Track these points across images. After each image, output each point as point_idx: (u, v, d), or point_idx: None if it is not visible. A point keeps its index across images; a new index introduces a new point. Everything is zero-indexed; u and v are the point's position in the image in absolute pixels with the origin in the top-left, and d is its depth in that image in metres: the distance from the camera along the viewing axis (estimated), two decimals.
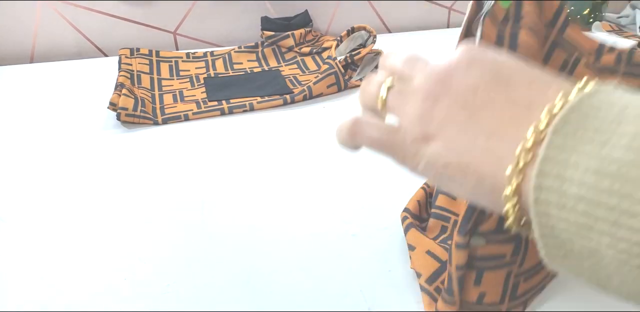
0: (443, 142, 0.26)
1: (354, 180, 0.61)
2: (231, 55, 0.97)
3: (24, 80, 0.90)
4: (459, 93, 0.26)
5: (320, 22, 1.11)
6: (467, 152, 0.25)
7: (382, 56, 0.33)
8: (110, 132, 0.74)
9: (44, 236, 0.54)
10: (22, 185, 0.62)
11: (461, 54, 0.27)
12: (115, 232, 0.54)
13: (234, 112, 0.79)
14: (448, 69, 0.27)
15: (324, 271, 0.49)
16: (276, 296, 0.46)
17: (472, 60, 0.27)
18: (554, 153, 0.21)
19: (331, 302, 0.45)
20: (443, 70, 0.27)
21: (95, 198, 0.59)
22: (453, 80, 0.26)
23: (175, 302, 0.45)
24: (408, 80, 0.29)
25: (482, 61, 0.27)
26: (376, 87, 0.30)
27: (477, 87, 0.26)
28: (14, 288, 0.47)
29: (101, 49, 1.04)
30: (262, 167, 0.65)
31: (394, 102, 0.29)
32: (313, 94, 0.82)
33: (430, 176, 0.28)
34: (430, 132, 0.26)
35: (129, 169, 0.65)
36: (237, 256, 0.51)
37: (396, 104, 0.29)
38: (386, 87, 0.29)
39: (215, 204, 0.58)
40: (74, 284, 0.47)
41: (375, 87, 0.30)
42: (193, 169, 0.65)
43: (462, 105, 0.26)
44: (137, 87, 0.84)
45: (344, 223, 0.55)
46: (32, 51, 1.01)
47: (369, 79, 0.32)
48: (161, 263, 0.50)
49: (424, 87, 0.27)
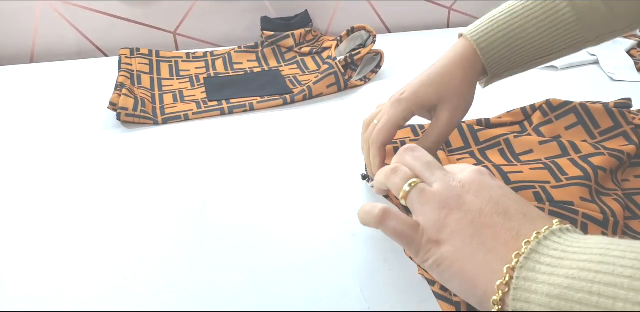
0: (452, 248, 0.33)
1: (354, 180, 0.61)
2: (231, 55, 0.97)
3: (24, 80, 0.90)
4: (469, 211, 0.34)
5: (320, 22, 1.11)
6: (469, 261, 0.33)
7: (400, 150, 0.39)
8: (110, 132, 0.74)
9: (44, 236, 0.54)
10: (22, 185, 0.62)
11: (474, 176, 0.36)
12: (115, 232, 0.54)
13: (234, 112, 0.79)
14: (462, 188, 0.35)
15: (324, 270, 0.49)
16: (276, 296, 0.46)
17: (481, 185, 0.35)
18: (521, 283, 0.30)
19: (331, 302, 0.45)
20: (459, 188, 0.35)
21: (95, 198, 0.59)
22: (466, 199, 0.34)
23: (175, 302, 0.45)
24: (428, 183, 0.37)
25: (489, 188, 0.35)
26: (401, 181, 0.37)
27: (483, 210, 0.34)
28: (14, 288, 0.47)
29: (101, 49, 1.04)
30: (262, 167, 0.65)
31: (415, 199, 0.36)
32: (313, 94, 0.82)
33: (434, 271, 0.35)
34: (443, 237, 0.34)
35: (129, 169, 0.65)
36: (237, 256, 0.51)
37: (416, 202, 0.36)
38: (410, 183, 0.37)
39: (215, 204, 0.58)
40: (74, 284, 0.47)
41: (400, 181, 0.37)
42: (193, 169, 0.65)
43: (470, 221, 0.33)
44: (137, 87, 0.84)
45: (344, 223, 0.55)
46: (32, 51, 1.01)
47: (395, 171, 0.38)
48: (161, 263, 0.50)
49: (442, 197, 0.35)
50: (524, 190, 0.52)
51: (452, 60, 0.50)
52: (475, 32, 0.49)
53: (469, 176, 0.36)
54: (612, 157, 0.57)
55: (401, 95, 0.50)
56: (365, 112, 0.78)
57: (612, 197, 0.53)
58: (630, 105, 0.66)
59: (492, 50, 0.48)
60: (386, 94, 0.84)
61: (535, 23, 0.47)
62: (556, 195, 0.51)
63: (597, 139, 0.63)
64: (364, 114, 0.59)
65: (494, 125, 0.68)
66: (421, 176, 0.37)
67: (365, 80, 0.88)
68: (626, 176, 0.59)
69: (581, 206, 0.50)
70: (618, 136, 0.63)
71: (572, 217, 0.48)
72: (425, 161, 0.38)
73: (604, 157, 0.57)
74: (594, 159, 0.57)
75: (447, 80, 0.49)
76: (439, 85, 0.49)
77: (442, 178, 0.36)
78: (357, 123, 0.74)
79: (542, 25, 0.47)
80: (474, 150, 0.63)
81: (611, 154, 0.58)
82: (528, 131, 0.66)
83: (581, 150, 0.60)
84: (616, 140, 0.62)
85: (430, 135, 0.50)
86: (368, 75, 0.89)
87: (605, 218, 0.49)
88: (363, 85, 0.87)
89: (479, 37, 0.48)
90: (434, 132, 0.50)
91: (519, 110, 0.68)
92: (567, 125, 0.64)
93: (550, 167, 0.57)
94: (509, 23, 0.48)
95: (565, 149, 0.60)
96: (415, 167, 0.38)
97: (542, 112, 0.66)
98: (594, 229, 0.48)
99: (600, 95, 0.81)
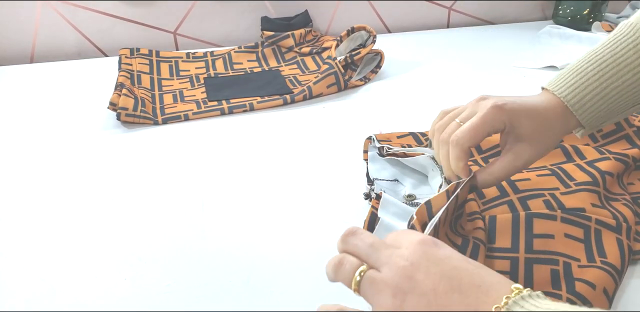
0: None
1: (354, 180, 0.61)
2: (231, 55, 0.97)
3: (24, 80, 0.90)
4: (423, 294, 0.32)
5: (320, 22, 1.11)
6: None
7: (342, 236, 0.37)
8: (110, 132, 0.74)
9: (44, 236, 0.54)
10: (22, 185, 0.62)
11: (419, 250, 0.33)
12: (115, 232, 0.54)
13: (234, 112, 0.79)
14: (411, 266, 0.33)
15: (324, 271, 0.49)
16: (276, 296, 0.46)
17: (429, 260, 0.33)
18: None
19: (331, 302, 0.45)
20: (407, 267, 0.33)
21: (95, 198, 0.59)
22: (417, 279, 0.32)
23: (175, 302, 0.45)
24: (376, 267, 0.35)
25: (438, 262, 0.33)
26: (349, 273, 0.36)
27: (437, 290, 0.32)
28: (14, 288, 0.47)
29: (101, 49, 1.04)
30: (262, 167, 0.65)
31: (367, 290, 0.34)
32: (313, 94, 0.82)
33: None
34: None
35: (129, 169, 0.65)
36: (237, 256, 0.51)
37: (369, 292, 0.34)
38: (359, 273, 0.35)
39: (215, 204, 0.58)
40: (74, 284, 0.47)
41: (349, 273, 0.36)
42: (193, 169, 0.65)
43: (427, 305, 0.32)
44: (137, 87, 0.84)
45: (343, 223, 0.55)
46: (32, 51, 1.02)
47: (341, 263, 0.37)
48: (161, 263, 0.50)
49: (392, 283, 0.33)
50: (534, 199, 0.52)
51: (553, 108, 0.46)
52: (562, 88, 0.45)
53: (414, 251, 0.34)
54: (618, 161, 0.57)
55: (505, 105, 0.44)
56: (365, 112, 0.78)
57: (621, 202, 0.53)
58: None
59: (585, 104, 0.45)
60: (386, 94, 0.84)
61: (630, 69, 0.44)
62: (566, 201, 0.51)
63: (599, 143, 0.63)
64: (364, 114, 0.60)
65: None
66: (367, 260, 0.35)
67: (365, 80, 0.88)
68: (631, 179, 0.59)
69: (593, 212, 0.49)
70: (620, 139, 0.62)
71: (585, 224, 0.48)
72: (368, 243, 0.36)
73: (610, 161, 0.57)
74: (601, 164, 0.56)
75: (547, 126, 0.45)
76: (539, 119, 0.45)
77: (388, 260, 0.34)
78: (357, 123, 0.75)
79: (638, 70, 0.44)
80: (476, 159, 0.63)
81: (617, 158, 0.57)
82: None
83: (586, 155, 0.59)
84: (619, 143, 0.62)
85: (495, 169, 0.46)
86: (368, 75, 0.89)
87: (618, 224, 0.48)
88: (363, 85, 0.87)
89: (568, 93, 0.45)
90: (504, 168, 0.46)
91: None
92: None
93: (558, 173, 0.56)
94: (599, 73, 0.44)
95: (569, 154, 0.60)
96: (360, 253, 0.36)
97: None
98: (607, 235, 0.48)
99: None
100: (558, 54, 0.98)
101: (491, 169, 0.46)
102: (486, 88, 0.84)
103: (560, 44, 1.04)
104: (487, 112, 0.44)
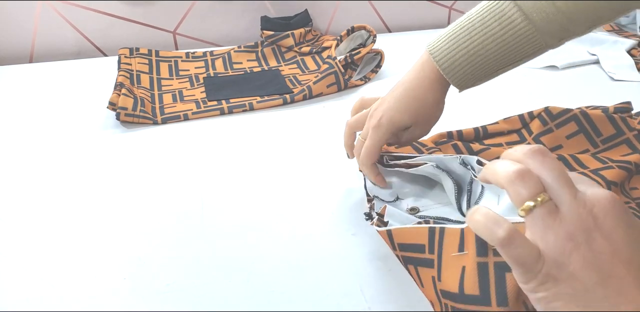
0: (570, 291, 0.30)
1: (354, 180, 0.61)
2: (231, 55, 0.97)
3: (23, 80, 0.90)
4: (598, 252, 0.30)
5: (320, 22, 1.11)
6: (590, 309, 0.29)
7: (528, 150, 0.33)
8: (109, 132, 0.74)
9: (44, 235, 0.54)
10: (21, 185, 0.62)
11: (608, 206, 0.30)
12: (115, 232, 0.54)
13: (234, 111, 0.79)
14: (594, 221, 0.30)
15: (324, 270, 0.49)
16: (276, 296, 0.46)
17: (616, 220, 0.30)
18: None
19: (331, 302, 0.45)
20: (590, 221, 0.30)
21: (95, 198, 0.59)
22: (596, 237, 0.30)
23: (175, 302, 0.45)
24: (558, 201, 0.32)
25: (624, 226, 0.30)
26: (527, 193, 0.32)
27: (614, 255, 0.29)
28: (14, 288, 0.47)
29: (101, 48, 1.04)
30: (262, 167, 0.65)
31: (539, 220, 0.31)
32: (313, 94, 0.82)
33: (540, 305, 0.32)
34: (562, 276, 0.30)
35: (128, 168, 0.65)
36: (237, 256, 0.51)
37: (540, 224, 0.31)
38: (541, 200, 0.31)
39: (215, 203, 0.58)
40: (74, 284, 0.47)
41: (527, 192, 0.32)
42: (193, 169, 0.65)
43: (597, 266, 0.29)
44: (137, 87, 0.84)
45: (344, 223, 0.55)
46: (31, 51, 1.01)
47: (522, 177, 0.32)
48: (161, 263, 0.50)
49: (569, 227, 0.30)
50: None
51: (420, 83, 0.52)
52: (438, 51, 0.50)
53: (603, 206, 0.31)
54: (622, 169, 0.56)
55: (380, 121, 0.53)
56: None
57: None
58: (631, 108, 0.65)
59: (455, 69, 0.50)
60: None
61: (494, 39, 0.47)
62: None
63: (599, 148, 0.62)
64: None
65: (492, 134, 0.66)
66: (548, 189, 0.32)
67: (365, 79, 0.88)
68: (633, 184, 0.58)
69: None
70: (621, 144, 0.61)
71: None
72: (556, 173, 0.32)
73: (614, 170, 0.56)
74: (606, 173, 0.55)
75: (419, 105, 0.53)
76: (412, 111, 0.53)
77: (571, 201, 0.31)
78: None
79: (501, 40, 0.47)
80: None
81: (620, 166, 0.56)
82: (528, 140, 0.64)
83: (587, 165, 0.58)
84: (619, 148, 0.61)
85: (400, 139, 0.56)
86: (368, 75, 0.89)
87: None
88: (363, 84, 0.87)
89: (442, 57, 0.50)
90: (404, 139, 0.56)
91: (517, 118, 0.66)
92: (568, 134, 0.63)
93: None
94: (469, 41, 0.48)
95: (569, 164, 0.59)
96: (544, 178, 0.32)
97: (542, 120, 0.64)
98: None
99: (600, 95, 0.81)
100: (558, 53, 0.98)
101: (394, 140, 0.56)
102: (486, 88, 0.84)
103: None
104: (372, 134, 0.53)
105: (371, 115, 0.55)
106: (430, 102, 0.53)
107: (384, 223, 0.50)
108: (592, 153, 0.62)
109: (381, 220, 0.50)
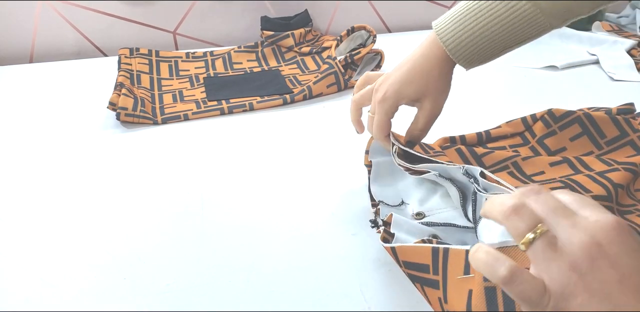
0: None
1: (354, 180, 0.61)
2: (231, 55, 0.97)
3: (23, 80, 0.90)
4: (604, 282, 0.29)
5: (320, 22, 1.11)
6: None
7: (523, 190, 0.33)
8: (110, 132, 0.74)
9: (44, 235, 0.54)
10: (21, 185, 0.62)
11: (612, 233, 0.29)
12: (114, 231, 0.54)
13: (234, 112, 0.79)
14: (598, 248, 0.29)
15: (324, 270, 0.49)
16: (276, 296, 0.46)
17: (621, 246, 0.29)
18: None
19: (331, 302, 0.45)
20: (593, 248, 0.29)
21: (95, 198, 0.59)
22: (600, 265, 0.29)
23: (175, 302, 0.45)
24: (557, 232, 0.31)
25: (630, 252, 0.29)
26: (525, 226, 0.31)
27: (621, 284, 0.28)
28: (14, 288, 0.47)
29: (101, 48, 1.04)
30: (262, 167, 0.65)
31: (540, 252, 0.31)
32: (313, 94, 0.82)
33: None
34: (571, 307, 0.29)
35: (128, 168, 0.65)
36: (237, 256, 0.51)
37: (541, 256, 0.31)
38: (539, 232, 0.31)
39: (215, 203, 0.58)
40: (74, 284, 0.47)
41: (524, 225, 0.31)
42: (193, 168, 0.65)
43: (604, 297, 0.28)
44: (137, 87, 0.84)
45: (344, 223, 0.55)
46: (31, 51, 1.01)
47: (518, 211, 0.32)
48: (161, 263, 0.50)
49: (572, 257, 0.29)
50: None
51: (428, 58, 0.53)
52: (445, 32, 0.52)
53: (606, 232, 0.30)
54: (627, 171, 0.56)
55: (385, 95, 0.53)
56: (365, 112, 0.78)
57: (635, 214, 0.52)
58: (634, 110, 0.65)
59: (460, 49, 0.51)
60: None
61: (500, 21, 0.49)
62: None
63: (603, 149, 0.61)
64: (364, 114, 0.59)
65: (495, 137, 0.66)
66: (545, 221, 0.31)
67: None
68: (639, 185, 0.57)
69: None
70: (625, 146, 0.61)
71: None
72: (551, 205, 0.32)
73: (620, 172, 0.55)
74: (612, 175, 0.55)
75: (425, 79, 0.53)
76: (418, 83, 0.53)
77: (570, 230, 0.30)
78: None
79: (506, 21, 0.49)
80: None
81: (625, 168, 0.56)
82: (531, 143, 0.64)
83: (593, 167, 0.58)
84: (623, 149, 0.61)
85: (418, 123, 0.55)
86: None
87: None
88: None
89: (448, 38, 0.51)
90: (421, 120, 0.55)
91: (519, 121, 0.66)
92: (571, 136, 0.62)
93: (570, 186, 0.54)
94: (475, 22, 0.50)
95: (575, 167, 0.58)
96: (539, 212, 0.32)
97: (545, 122, 0.63)
98: None
99: (600, 95, 0.81)
100: (558, 53, 0.98)
101: (414, 124, 0.55)
102: (486, 88, 0.84)
103: (561, 43, 1.04)
104: (378, 108, 0.53)
105: (376, 90, 0.55)
106: (436, 76, 0.53)
107: (390, 235, 0.49)
108: (597, 155, 0.61)
109: (387, 231, 0.49)
